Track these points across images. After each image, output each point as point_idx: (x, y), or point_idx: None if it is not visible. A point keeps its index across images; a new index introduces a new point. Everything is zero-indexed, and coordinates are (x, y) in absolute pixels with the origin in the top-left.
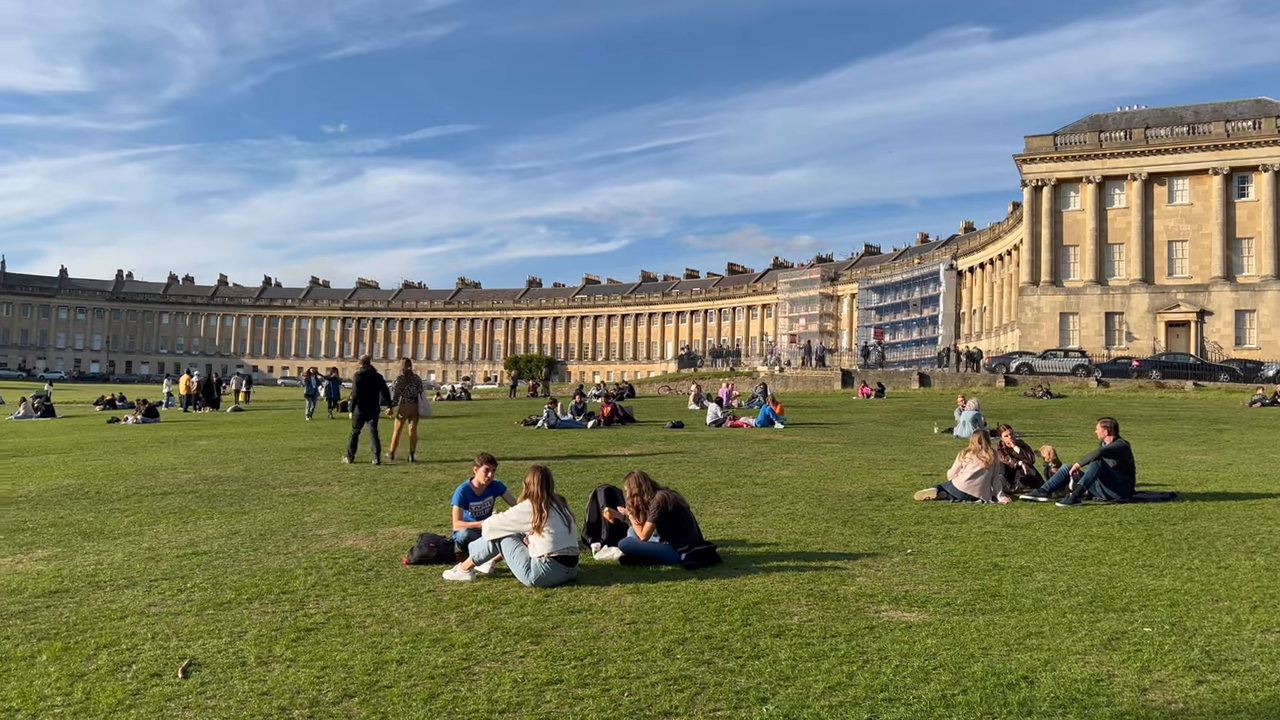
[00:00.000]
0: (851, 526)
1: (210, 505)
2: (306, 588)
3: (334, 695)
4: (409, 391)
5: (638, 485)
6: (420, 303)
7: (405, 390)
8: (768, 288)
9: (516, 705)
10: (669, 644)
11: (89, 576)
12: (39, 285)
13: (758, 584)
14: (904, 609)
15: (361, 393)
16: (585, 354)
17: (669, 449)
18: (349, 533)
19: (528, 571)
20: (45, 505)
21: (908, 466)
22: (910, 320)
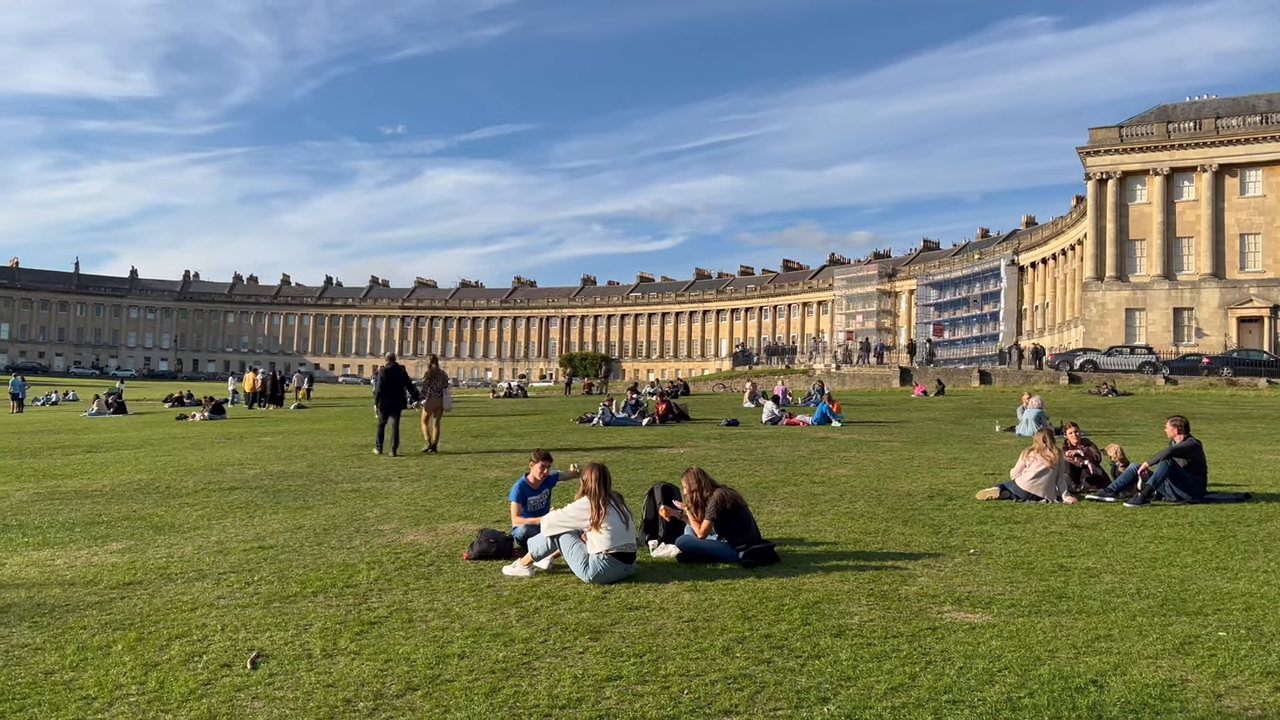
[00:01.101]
0: (912, 526)
1: (275, 500)
2: (370, 582)
3: (397, 688)
4: (434, 387)
5: (696, 482)
6: (477, 301)
7: (431, 386)
8: (824, 284)
9: (576, 701)
10: (728, 642)
11: (161, 569)
12: (110, 286)
13: (817, 583)
14: (967, 610)
15: (386, 388)
16: (639, 352)
17: (724, 447)
18: (410, 528)
19: (586, 568)
20: (118, 499)
21: (969, 465)
22: (970, 317)
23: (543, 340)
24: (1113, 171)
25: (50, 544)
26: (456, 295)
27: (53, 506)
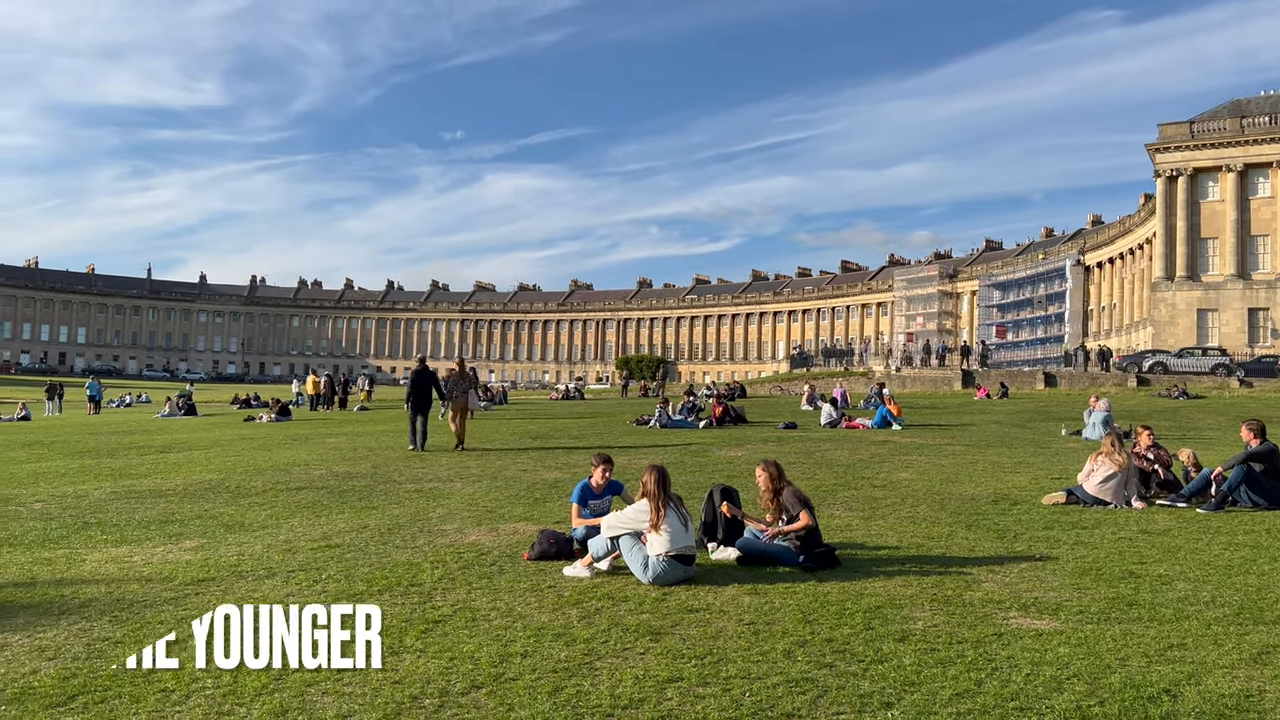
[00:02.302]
0: (976, 531)
1: (341, 500)
2: (433, 581)
3: (462, 686)
4: (461, 387)
5: (776, 471)
6: (534, 304)
7: (459, 386)
8: (883, 285)
9: (639, 701)
10: (789, 645)
11: (232, 566)
12: (181, 291)
13: (879, 587)
14: (1034, 616)
15: (416, 388)
16: (695, 354)
17: (783, 449)
18: (472, 528)
19: (645, 569)
20: (191, 498)
21: (1034, 469)
22: (1034, 318)
23: (599, 343)
24: (1183, 168)
25: (127, 541)
26: (514, 299)
27: (129, 505)
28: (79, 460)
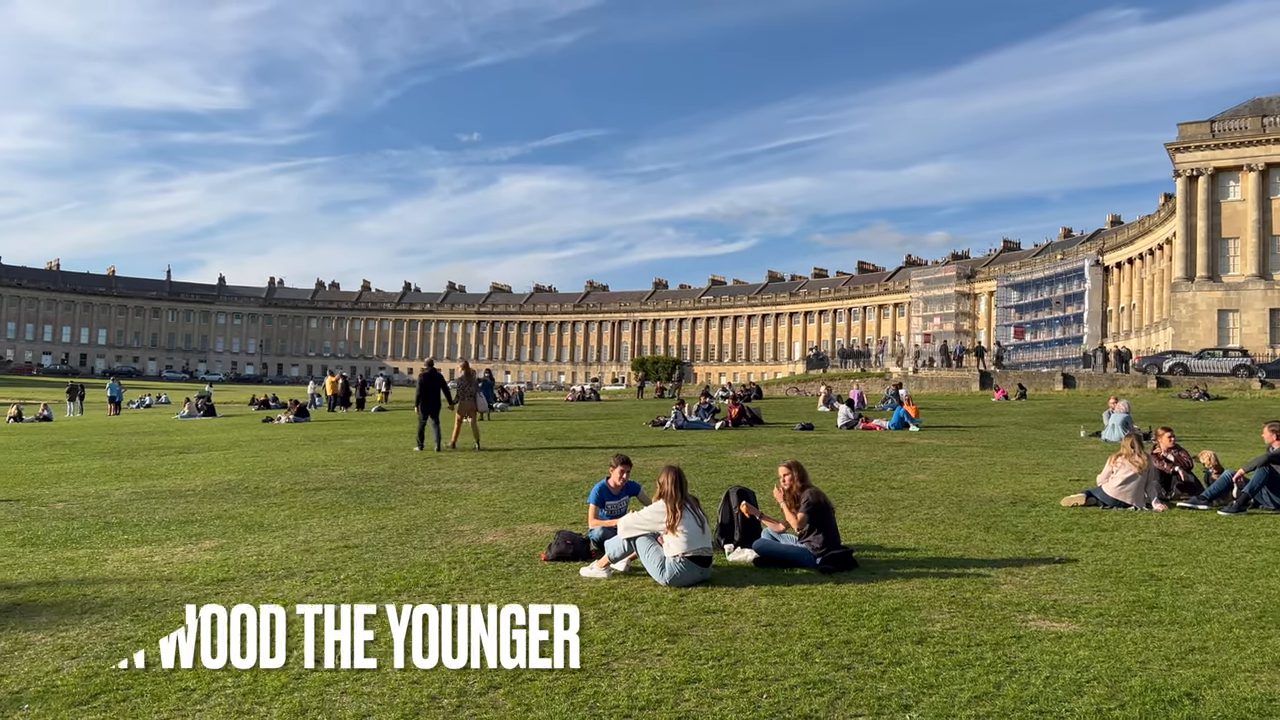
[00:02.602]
0: (994, 533)
1: (359, 501)
2: (451, 581)
3: (480, 686)
4: (468, 390)
5: (797, 473)
6: (550, 306)
7: (465, 390)
8: (900, 286)
9: (656, 703)
10: (807, 647)
11: (252, 566)
12: (200, 292)
13: (897, 589)
14: (1053, 619)
15: (425, 390)
16: (711, 355)
17: (799, 451)
18: (489, 529)
19: (662, 571)
20: (210, 499)
21: (1053, 471)
22: (1053, 319)
23: (615, 344)
24: (1204, 168)
25: (148, 541)
26: (530, 300)
27: (149, 505)
28: (100, 461)
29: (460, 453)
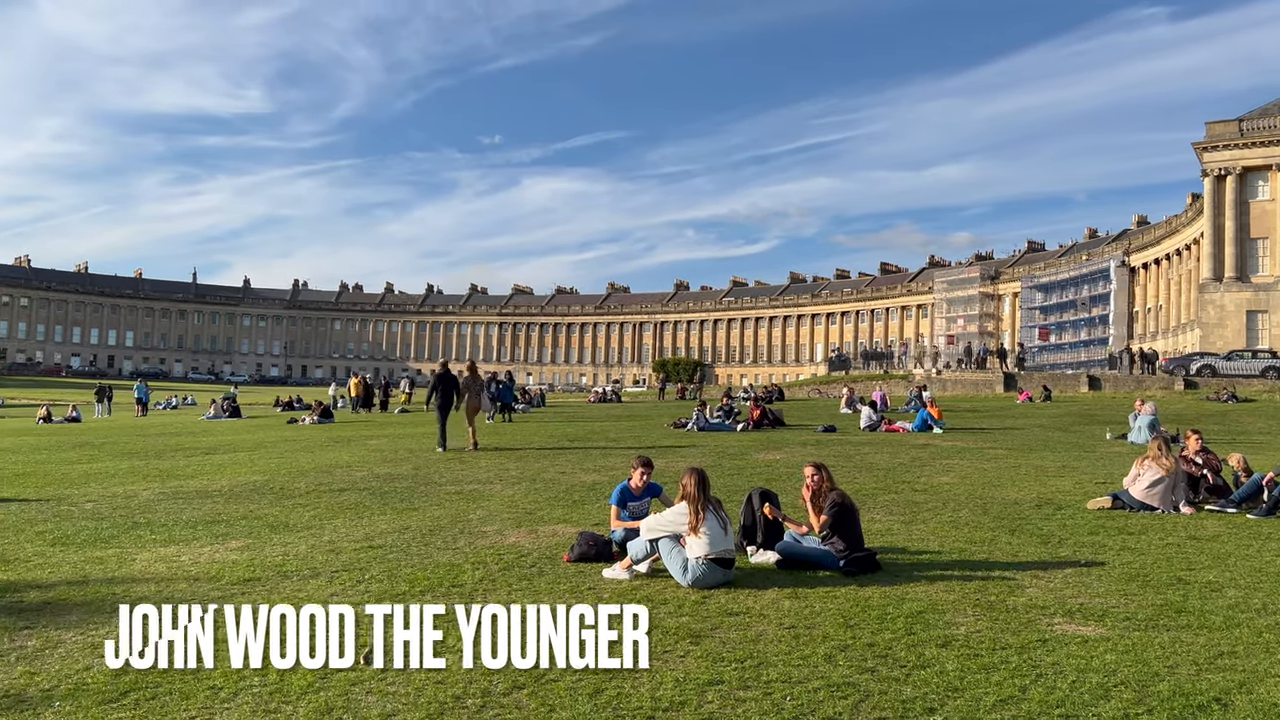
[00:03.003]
0: (1019, 535)
1: (383, 501)
2: (475, 582)
3: (504, 686)
4: (473, 390)
5: (822, 474)
6: (571, 308)
7: (470, 389)
8: (923, 287)
9: (679, 704)
10: (830, 650)
11: (277, 566)
12: (225, 295)
13: (921, 592)
14: (1079, 622)
15: (440, 390)
16: (733, 356)
17: (822, 453)
18: (512, 529)
19: (685, 572)
20: (236, 499)
21: (1079, 474)
22: (1078, 320)
23: (636, 345)
24: (1232, 167)
25: (175, 541)
26: (552, 302)
27: (176, 505)
28: (128, 461)
29: (482, 453)
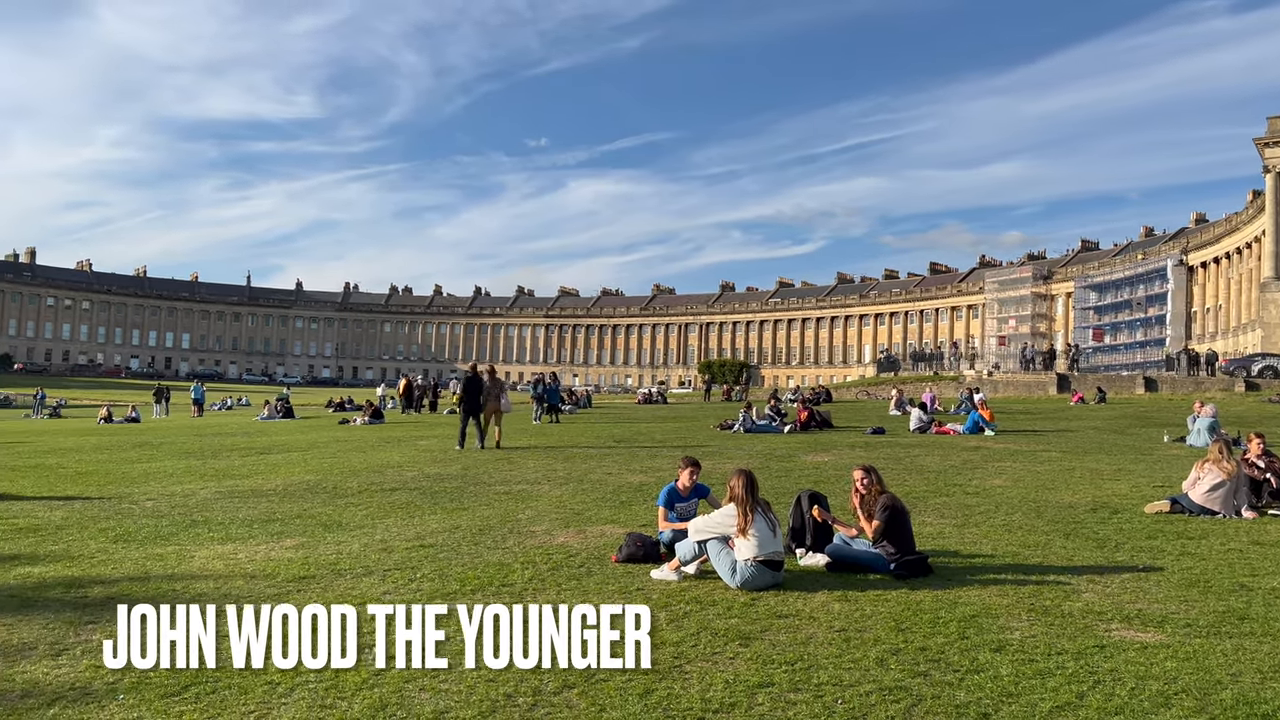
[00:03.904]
0: (1074, 540)
1: (433, 501)
2: (524, 581)
3: (556, 685)
4: (493, 393)
5: (871, 478)
6: (617, 309)
7: (491, 392)
8: (973, 287)
9: (729, 706)
10: (881, 653)
11: (331, 564)
12: (278, 298)
13: (974, 596)
14: (1138, 629)
15: (467, 393)
16: (779, 358)
17: (871, 455)
18: (560, 530)
19: (733, 574)
20: (290, 498)
21: (1135, 477)
22: (1133, 320)
23: (681, 347)
24: None
25: (232, 539)
26: (597, 303)
27: (233, 504)
28: (185, 461)
29: (531, 454)
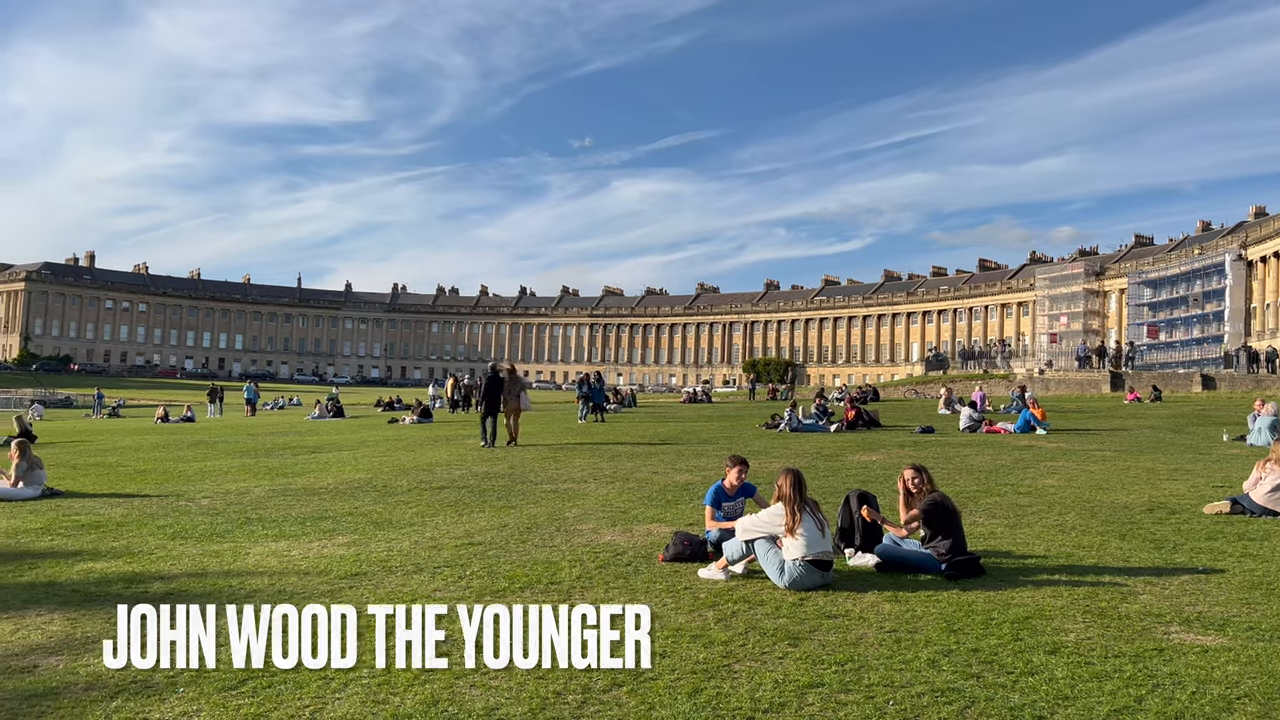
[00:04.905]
0: (1130, 540)
1: (481, 499)
2: (572, 579)
3: (603, 684)
4: (514, 391)
5: (919, 476)
6: (661, 308)
7: (510, 391)
8: (1024, 284)
9: (779, 705)
10: (933, 655)
11: (382, 562)
12: (328, 299)
13: (1027, 597)
14: (1198, 632)
15: (488, 392)
16: (825, 356)
17: (920, 454)
18: (607, 528)
19: (781, 574)
20: (341, 496)
21: (1194, 477)
22: (1189, 317)
23: (725, 346)
24: None
25: (286, 536)
26: (642, 303)
27: (286, 502)
28: (239, 459)
29: (577, 453)
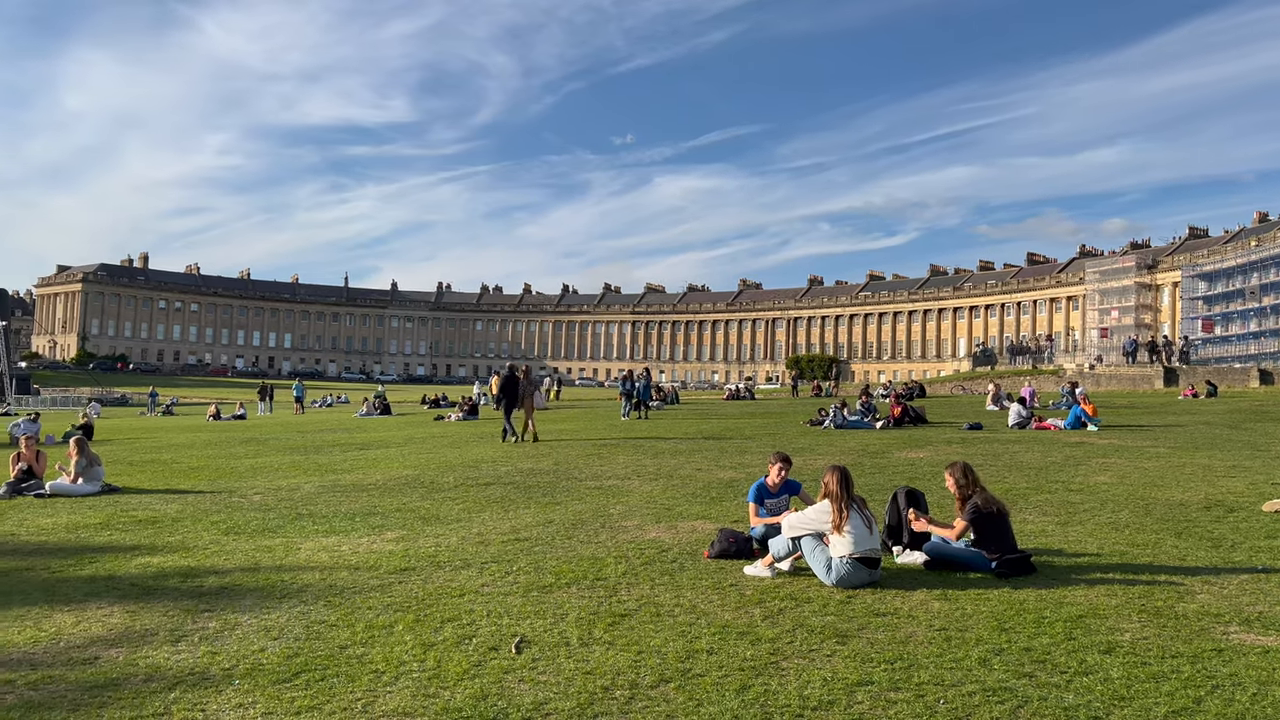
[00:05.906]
0: (1186, 539)
1: (527, 495)
2: (618, 575)
3: (651, 680)
4: (529, 390)
5: (963, 477)
6: (703, 305)
7: (527, 390)
8: (1074, 278)
9: (828, 703)
10: (984, 653)
11: (431, 557)
12: (374, 298)
13: (1080, 596)
14: (1259, 632)
15: (506, 390)
16: (869, 353)
17: (968, 451)
18: (651, 525)
19: (829, 571)
20: (390, 493)
21: (1252, 474)
22: (1246, 310)
23: (768, 342)
24: None
25: (336, 531)
26: (684, 300)
27: (335, 498)
28: (290, 456)
29: (620, 449)
